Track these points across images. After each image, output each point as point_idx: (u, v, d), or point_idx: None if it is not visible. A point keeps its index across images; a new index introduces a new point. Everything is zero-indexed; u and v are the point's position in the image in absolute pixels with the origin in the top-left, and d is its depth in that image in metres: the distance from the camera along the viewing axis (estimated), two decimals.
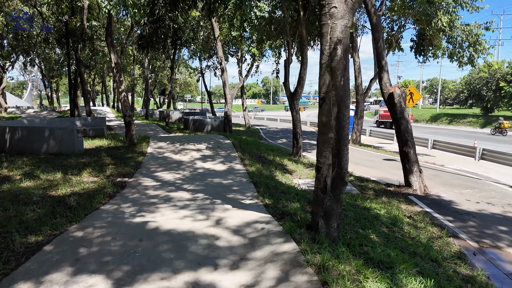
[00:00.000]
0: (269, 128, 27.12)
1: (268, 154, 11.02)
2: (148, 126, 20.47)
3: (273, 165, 9.44)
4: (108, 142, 11.77)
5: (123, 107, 10.94)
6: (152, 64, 35.69)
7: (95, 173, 7.54)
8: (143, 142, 11.10)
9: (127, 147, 10.53)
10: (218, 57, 14.61)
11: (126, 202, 5.61)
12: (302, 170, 9.41)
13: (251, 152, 10.74)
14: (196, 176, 7.53)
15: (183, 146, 10.64)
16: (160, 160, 9.08)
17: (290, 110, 11.26)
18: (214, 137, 12.54)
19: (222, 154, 9.90)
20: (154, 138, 12.42)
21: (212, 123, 20.37)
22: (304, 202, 5.51)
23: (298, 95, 11.02)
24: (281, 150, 12.60)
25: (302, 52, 10.69)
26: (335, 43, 3.31)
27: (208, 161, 9.06)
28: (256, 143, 12.64)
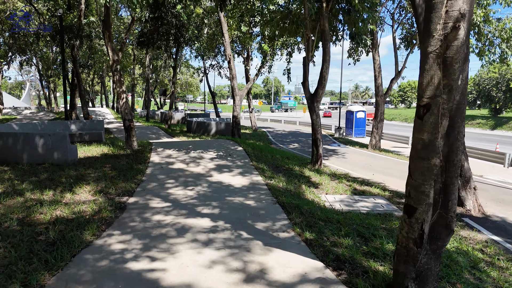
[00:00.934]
0: (276, 130, 25.90)
1: (285, 163, 9.82)
2: (149, 129, 19.27)
3: (294, 176, 8.24)
4: (107, 148, 10.56)
5: (122, 110, 9.74)
6: (153, 64, 34.53)
7: (89, 189, 6.34)
8: (146, 149, 9.89)
9: (128, 155, 9.32)
10: (227, 55, 13.42)
11: (126, 232, 4.41)
12: (328, 182, 8.21)
13: (267, 161, 9.55)
14: (211, 193, 6.32)
15: (191, 154, 9.44)
16: (166, 171, 7.87)
17: (310, 113, 10.05)
18: (223, 143, 11.34)
19: (236, 163, 8.69)
20: (157, 144, 11.21)
21: (217, 126, 19.17)
22: (355, 236, 4.30)
23: (319, 97, 9.82)
24: (297, 157, 11.41)
25: (324, 48, 9.50)
26: (455, 20, 2.11)
27: (222, 172, 7.86)
28: (269, 150, 11.43)
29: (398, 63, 14.72)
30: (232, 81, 13.63)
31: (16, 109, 35.78)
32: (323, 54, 9.68)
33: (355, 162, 12.03)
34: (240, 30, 13.28)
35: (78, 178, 7.04)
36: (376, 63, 14.15)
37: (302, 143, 17.42)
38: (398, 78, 14.88)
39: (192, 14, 18.97)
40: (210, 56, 23.62)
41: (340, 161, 12.33)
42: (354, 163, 11.97)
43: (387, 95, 14.98)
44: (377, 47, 14.08)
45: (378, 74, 14.21)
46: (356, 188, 7.97)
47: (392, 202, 7.05)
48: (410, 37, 15.62)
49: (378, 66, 14.18)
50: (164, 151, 9.79)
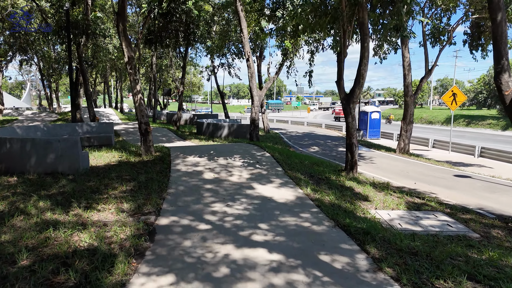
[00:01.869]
0: (289, 132, 24.86)
1: (317, 170, 8.87)
2: (158, 131, 18.31)
3: (335, 187, 7.28)
4: (119, 154, 9.61)
5: (138, 112, 8.78)
6: (158, 63, 33.59)
7: (109, 206, 5.41)
8: (165, 156, 8.93)
9: (145, 163, 8.36)
10: (245, 52, 12.45)
11: (166, 271, 3.45)
12: (375, 194, 7.24)
13: (299, 168, 8.59)
14: (255, 210, 5.37)
15: (217, 161, 8.47)
16: (193, 182, 6.91)
17: (345, 116, 9.10)
18: (246, 148, 10.38)
19: (270, 172, 7.74)
20: (174, 149, 10.25)
21: (230, 128, 18.20)
22: (463, 279, 3.33)
23: (355, 97, 8.86)
24: (325, 163, 10.45)
25: (362, 43, 8.54)
26: None
27: (259, 183, 6.90)
28: (294, 155, 10.47)
29: (428, 60, 13.75)
30: (251, 80, 12.66)
31: (17, 109, 34.80)
32: (361, 50, 8.72)
33: (388, 168, 11.07)
34: (260, 25, 12.31)
35: (93, 191, 6.10)
36: (405, 60, 13.17)
37: (322, 146, 16.45)
38: (428, 76, 13.92)
39: (202, 10, 18.02)
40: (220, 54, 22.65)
41: (370, 166, 11.37)
42: (388, 169, 11.00)
43: (416, 95, 14.01)
44: (407, 42, 13.11)
45: (407, 72, 13.22)
46: (409, 202, 7.01)
47: (457, 219, 6.09)
48: (438, 33, 14.65)
49: (408, 64, 13.21)
50: (186, 157, 8.83)
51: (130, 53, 8.51)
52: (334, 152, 14.44)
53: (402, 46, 13.17)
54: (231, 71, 23.61)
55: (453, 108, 17.52)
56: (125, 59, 8.59)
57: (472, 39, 14.34)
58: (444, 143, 19.66)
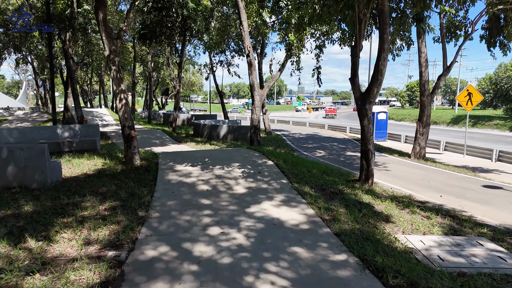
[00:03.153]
0: (292, 133, 23.59)
1: (328, 181, 7.68)
2: (152, 133, 17.12)
3: (352, 204, 6.10)
4: (101, 161, 8.45)
5: (121, 114, 7.60)
6: (155, 61, 32.40)
7: (71, 235, 4.26)
8: (151, 164, 7.75)
9: (128, 172, 7.18)
10: (245, 46, 11.26)
11: None
12: (399, 213, 6.05)
13: (307, 179, 7.40)
14: (256, 241, 4.20)
15: (210, 171, 7.28)
16: (182, 199, 5.73)
17: (360, 117, 7.90)
18: (246, 154, 9.19)
19: (273, 185, 6.55)
20: (164, 155, 9.07)
21: (229, 129, 17.01)
22: None
23: (372, 96, 7.67)
24: (335, 171, 9.25)
25: (382, 34, 7.35)
26: None
27: (260, 200, 5.72)
28: (301, 162, 9.28)
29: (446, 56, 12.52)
30: (252, 78, 11.47)
31: (10, 109, 33.64)
32: (379, 42, 7.53)
33: (406, 177, 9.88)
34: (261, 17, 11.12)
35: (57, 213, 4.95)
36: (422, 56, 11.97)
37: (328, 150, 15.25)
38: (447, 74, 12.71)
39: (200, 5, 16.83)
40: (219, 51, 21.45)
41: (385, 174, 10.18)
42: (405, 177, 9.81)
43: (434, 95, 12.82)
44: (424, 36, 11.92)
45: (424, 69, 12.02)
46: (441, 223, 5.82)
47: (508, 248, 4.89)
48: (454, 28, 13.46)
49: (425, 60, 12.01)
50: (175, 166, 7.64)
51: (111, 47, 7.32)
52: (342, 157, 13.25)
53: (419, 41, 11.97)
54: (230, 69, 22.45)
55: (468, 108, 16.33)
56: (106, 53, 7.40)
57: (490, 34, 13.15)
58: (457, 146, 18.47)
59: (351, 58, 7.93)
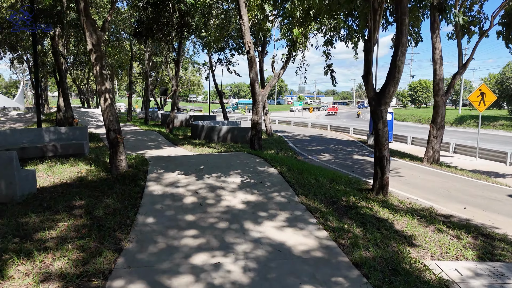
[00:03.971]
0: (295, 135, 22.66)
1: (338, 192, 6.83)
2: (147, 135, 16.28)
3: (369, 222, 5.26)
4: (86, 168, 7.62)
5: (105, 116, 6.76)
6: (153, 60, 31.57)
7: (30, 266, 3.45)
8: (139, 172, 6.91)
9: (112, 183, 6.34)
10: (245, 42, 10.41)
11: None
12: (423, 232, 5.20)
13: (315, 189, 6.55)
14: (258, 276, 3.35)
15: (206, 180, 6.44)
16: (170, 214, 4.89)
17: (374, 120, 7.05)
18: (246, 160, 8.34)
19: (277, 199, 5.70)
20: (156, 161, 8.22)
21: (229, 131, 16.18)
22: None
23: (388, 97, 6.82)
24: (344, 178, 8.40)
25: (400, 26, 6.51)
26: None
27: (261, 219, 4.88)
28: (307, 169, 8.41)
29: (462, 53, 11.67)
30: (252, 76, 10.62)
31: (5, 109, 32.82)
32: (396, 36, 6.69)
33: (421, 185, 9.02)
34: (263, 10, 10.27)
35: (20, 236, 4.13)
36: (436, 52, 11.10)
37: (334, 153, 14.38)
38: (463, 72, 11.87)
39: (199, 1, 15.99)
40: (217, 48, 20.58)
41: (399, 182, 9.32)
42: (421, 185, 8.96)
43: (448, 95, 11.94)
44: (439, 31, 11.05)
45: (439, 67, 11.15)
46: (474, 244, 4.96)
47: None
48: (469, 23, 12.60)
49: (440, 57, 11.13)
50: (166, 174, 6.79)
51: (93, 39, 6.48)
52: (349, 161, 12.39)
53: (433, 36, 11.11)
54: (230, 68, 21.58)
55: (481, 109, 15.47)
56: (88, 47, 6.56)
57: (508, 29, 12.29)
58: (467, 148, 17.61)
59: (364, 54, 7.08)
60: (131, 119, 25.47)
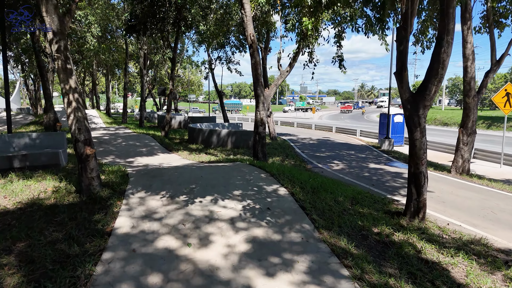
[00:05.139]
0: (300, 138, 21.09)
1: (364, 217, 5.42)
2: (139, 139, 14.89)
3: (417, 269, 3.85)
4: (53, 186, 6.22)
5: (70, 122, 5.36)
6: (151, 59, 30.20)
7: None
8: (114, 193, 5.50)
9: (77, 208, 4.94)
10: (247, 35, 9.01)
11: None
12: (493, 285, 3.78)
13: (337, 219, 5.13)
14: None
15: (195, 207, 5.02)
16: (134, 271, 3.47)
17: (409, 128, 5.63)
18: (249, 175, 6.92)
19: (290, 236, 4.28)
20: (138, 177, 6.81)
21: (229, 135, 14.77)
22: None
23: (428, 98, 5.41)
24: (367, 196, 6.97)
25: (446, 8, 5.09)
26: None
27: (272, 271, 3.46)
28: (321, 186, 6.96)
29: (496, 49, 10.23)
30: (255, 72, 9.21)
31: None
32: (441, 21, 5.29)
33: (457, 203, 7.58)
34: None
35: None
36: (468, 47, 9.65)
37: (346, 161, 12.92)
38: (497, 69, 10.45)
39: None
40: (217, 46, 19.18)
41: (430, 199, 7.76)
42: (457, 204, 7.51)
43: (480, 95, 10.48)
44: (471, 23, 9.63)
45: (471, 64, 9.69)
46: None
47: None
48: (499, 15, 11.16)
49: (472, 52, 9.68)
50: (149, 198, 5.38)
51: (57, 26, 5.08)
52: (366, 171, 10.95)
53: (464, 28, 9.68)
54: (230, 67, 20.18)
55: (506, 111, 14.00)
56: (49, 36, 5.15)
57: None
58: (490, 154, 16.14)
59: (397, 45, 5.65)
60: (126, 121, 24.10)
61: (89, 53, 26.15)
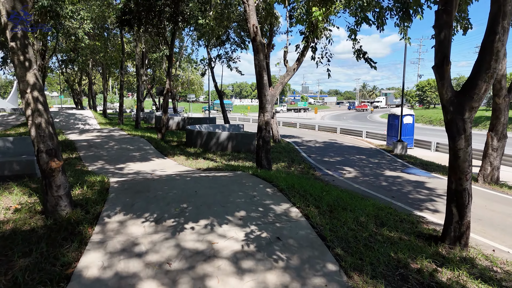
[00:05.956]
0: (305, 141, 19.92)
1: (395, 245, 4.37)
2: (133, 143, 13.83)
3: None
4: (20, 203, 5.17)
5: (30, 127, 4.31)
6: (149, 58, 29.18)
7: None
8: (87, 215, 4.44)
9: (37, 239, 3.89)
10: (250, 27, 7.96)
11: None
12: None
13: (368, 255, 4.07)
14: None
15: (186, 237, 3.95)
16: None
17: (450, 134, 4.59)
18: (252, 191, 5.85)
19: (313, 283, 3.21)
20: (120, 192, 5.75)
21: (229, 138, 13.72)
22: None
23: (477, 98, 4.37)
24: (390, 212, 5.92)
25: None
26: None
27: None
28: (338, 203, 5.91)
29: None
30: (259, 68, 8.16)
31: None
32: (494, 4, 4.26)
33: (497, 221, 6.51)
34: None
35: None
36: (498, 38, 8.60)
37: (358, 167, 11.83)
38: None
39: None
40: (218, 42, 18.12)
41: None
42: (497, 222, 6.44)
43: None
44: None
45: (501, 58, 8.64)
46: None
47: None
48: None
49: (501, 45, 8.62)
50: (129, 222, 4.32)
51: (10, 6, 4.04)
52: (382, 179, 9.87)
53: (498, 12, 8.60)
54: (230, 65, 19.12)
55: None
56: (2, 19, 4.11)
57: None
58: (507, 157, 15.01)
59: (436, 33, 4.60)
60: (122, 122, 23.06)
61: (84, 51, 25.11)
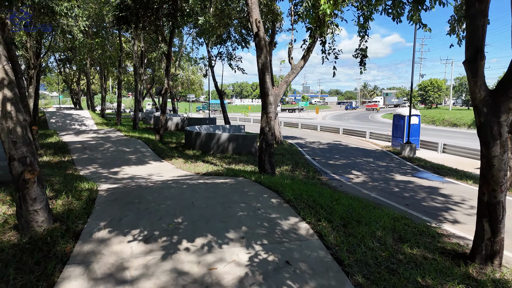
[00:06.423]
0: (308, 142, 19.24)
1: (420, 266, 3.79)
2: (129, 145, 13.26)
3: None
4: None
5: (2, 135, 3.73)
6: (148, 57, 28.62)
7: None
8: (65, 234, 3.87)
9: (5, 262, 3.31)
10: (252, 21, 7.40)
11: None
12: None
13: (388, 275, 3.50)
14: None
15: (181, 257, 3.38)
16: None
17: (483, 139, 4.03)
18: (256, 201, 5.27)
19: None
20: (108, 203, 5.18)
21: (230, 140, 13.15)
22: None
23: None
24: (409, 225, 5.34)
25: None
26: None
27: None
28: (348, 207, 5.36)
29: None
30: (262, 66, 7.60)
31: None
32: None
33: None
34: None
35: None
36: None
37: (366, 171, 11.24)
38: None
39: None
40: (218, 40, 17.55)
41: None
42: None
43: None
44: None
45: None
46: None
47: None
48: None
49: None
50: (111, 241, 3.75)
51: None
52: (393, 184, 9.29)
53: None
54: (231, 64, 18.54)
55: None
56: None
57: None
58: None
59: (467, 24, 4.01)
60: (120, 122, 22.49)
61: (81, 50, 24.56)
